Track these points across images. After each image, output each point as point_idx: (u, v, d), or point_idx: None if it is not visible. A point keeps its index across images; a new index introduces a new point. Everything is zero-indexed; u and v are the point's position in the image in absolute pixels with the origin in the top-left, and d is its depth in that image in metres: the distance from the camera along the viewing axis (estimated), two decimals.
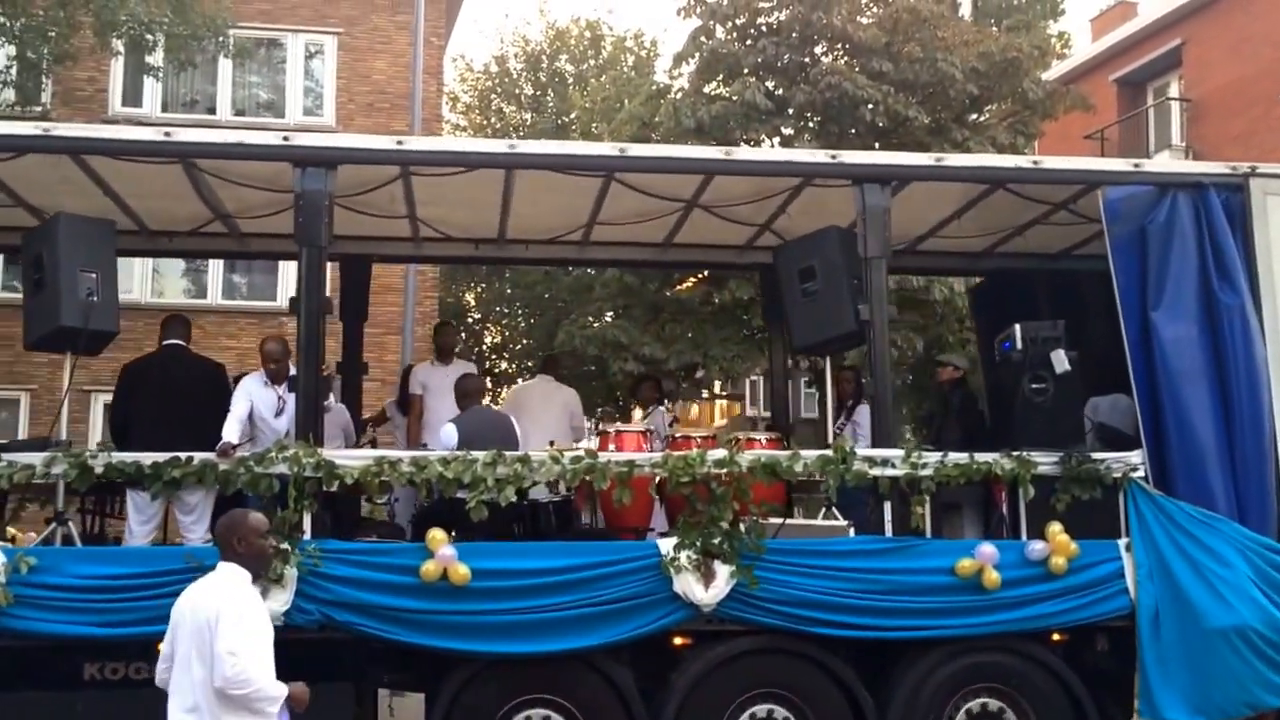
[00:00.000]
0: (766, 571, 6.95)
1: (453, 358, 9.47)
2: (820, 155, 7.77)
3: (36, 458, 6.72)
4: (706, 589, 6.86)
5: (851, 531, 7.47)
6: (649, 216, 8.80)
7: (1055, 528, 7.23)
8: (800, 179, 8.00)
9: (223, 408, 7.31)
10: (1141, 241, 7.56)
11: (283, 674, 5.38)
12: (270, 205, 8.29)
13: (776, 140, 17.00)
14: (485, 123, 32.03)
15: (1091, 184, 7.74)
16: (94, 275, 6.96)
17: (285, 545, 6.58)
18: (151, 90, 18.09)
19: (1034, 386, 7.57)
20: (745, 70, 16.70)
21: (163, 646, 5.02)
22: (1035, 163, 7.84)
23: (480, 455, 6.93)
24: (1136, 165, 7.90)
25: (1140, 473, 7.42)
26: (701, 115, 16.06)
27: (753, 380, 27.97)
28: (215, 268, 17.82)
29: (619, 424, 7.99)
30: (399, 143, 7.37)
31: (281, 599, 6.56)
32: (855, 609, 7.01)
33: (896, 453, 7.29)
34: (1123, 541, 7.36)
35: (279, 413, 7.48)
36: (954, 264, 10.54)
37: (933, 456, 7.31)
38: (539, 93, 32.06)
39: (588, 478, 7.06)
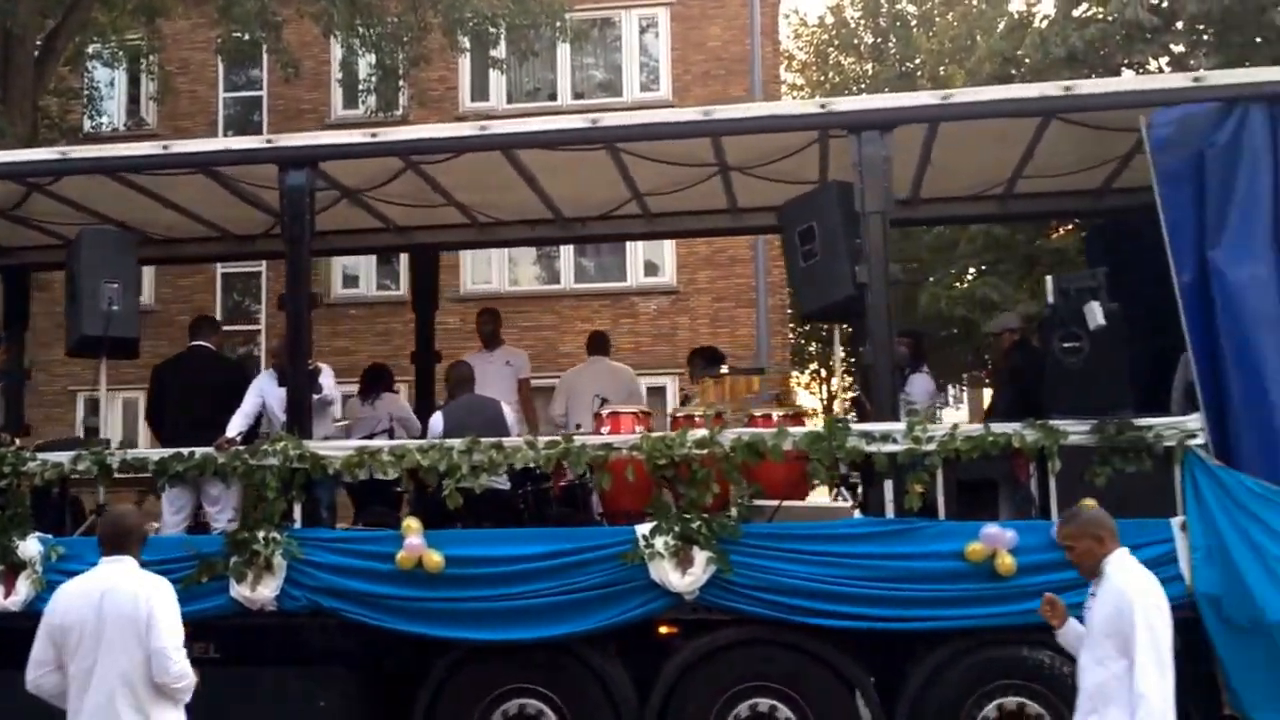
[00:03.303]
0: (747, 557, 6.54)
1: (498, 344, 9.42)
2: (810, 106, 7.14)
3: (64, 456, 7.30)
4: (683, 575, 6.54)
5: (857, 513, 6.88)
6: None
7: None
8: (816, 131, 7.41)
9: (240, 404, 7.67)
10: (1198, 169, 6.46)
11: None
12: None
13: (1165, 61, 15.46)
14: (823, 78, 31.15)
15: (1134, 107, 6.68)
16: (115, 286, 7.48)
17: (275, 534, 6.86)
18: (497, 84, 18.85)
19: (1065, 345, 6.63)
20: None
21: (39, 651, 4.85)
22: (1067, 89, 6.79)
23: (455, 443, 6.91)
24: (1197, 80, 6.70)
25: (1199, 440, 6.40)
26: (1074, 42, 14.93)
27: None
28: (566, 253, 18.11)
29: (619, 405, 7.63)
30: (373, 135, 7.40)
31: (272, 585, 6.85)
32: (847, 597, 6.45)
33: (897, 426, 6.62)
34: (1177, 520, 6.37)
35: None
36: (1073, 205, 9.40)
37: (940, 429, 6.61)
38: (880, 40, 30.83)
39: (563, 462, 6.89)
